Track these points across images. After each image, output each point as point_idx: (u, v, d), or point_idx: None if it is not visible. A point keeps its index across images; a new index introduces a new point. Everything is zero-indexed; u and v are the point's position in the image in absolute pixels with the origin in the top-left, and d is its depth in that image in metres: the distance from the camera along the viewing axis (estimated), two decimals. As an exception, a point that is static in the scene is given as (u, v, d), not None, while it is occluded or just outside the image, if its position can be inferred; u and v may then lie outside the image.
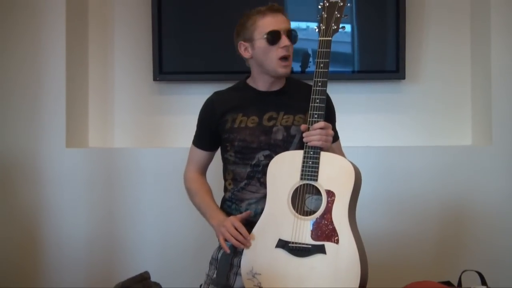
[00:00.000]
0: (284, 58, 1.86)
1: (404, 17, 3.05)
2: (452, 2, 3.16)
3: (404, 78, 3.09)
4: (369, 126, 3.21)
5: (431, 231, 2.98)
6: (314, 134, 1.77)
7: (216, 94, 2.00)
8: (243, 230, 1.83)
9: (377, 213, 2.94)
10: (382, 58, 3.12)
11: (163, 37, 3.07)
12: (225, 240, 1.87)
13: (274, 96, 1.94)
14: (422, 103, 3.19)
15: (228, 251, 1.86)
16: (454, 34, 3.18)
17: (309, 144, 1.77)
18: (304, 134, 1.80)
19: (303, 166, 1.78)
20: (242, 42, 1.92)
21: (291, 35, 1.88)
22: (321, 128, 1.77)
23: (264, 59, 1.89)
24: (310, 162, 1.77)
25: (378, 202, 2.96)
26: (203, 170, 2.07)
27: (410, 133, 3.19)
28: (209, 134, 1.96)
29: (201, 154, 2.00)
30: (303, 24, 3.05)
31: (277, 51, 1.86)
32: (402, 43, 3.05)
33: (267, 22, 1.86)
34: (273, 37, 1.85)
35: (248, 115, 1.92)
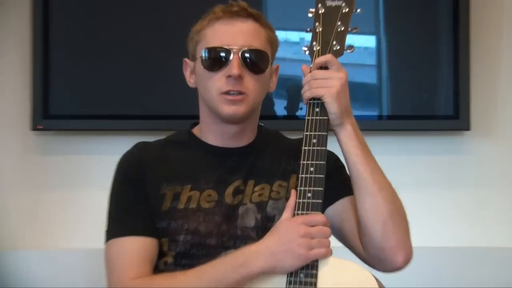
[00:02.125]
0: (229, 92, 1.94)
1: (467, 27, 3.14)
2: None
3: (468, 128, 3.17)
4: (408, 213, 3.09)
5: None
6: (306, 81, 1.85)
7: (143, 147, 2.05)
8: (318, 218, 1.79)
9: None
10: (431, 95, 3.23)
11: (52, 58, 3.16)
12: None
13: (241, 156, 2.02)
14: (500, 171, 3.27)
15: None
16: None
17: (306, 95, 1.84)
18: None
19: (289, 283, 1.75)
20: (187, 60, 2.05)
21: (250, 59, 1.92)
22: (324, 67, 1.83)
23: (203, 91, 2.00)
24: (302, 275, 1.75)
25: None
26: (150, 271, 1.96)
27: (481, 225, 3.23)
28: (145, 207, 1.95)
29: (143, 246, 1.94)
30: (294, 35, 3.14)
31: (218, 82, 1.93)
32: (464, 69, 3.15)
33: (214, 33, 1.96)
34: (212, 59, 1.93)
35: (202, 188, 1.96)
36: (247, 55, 1.91)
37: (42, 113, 3.11)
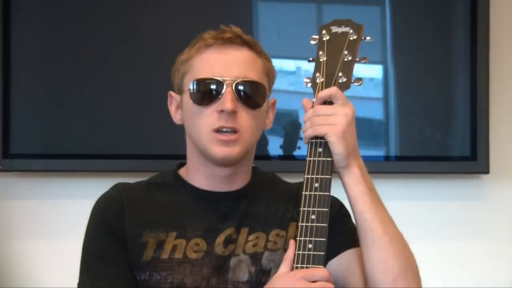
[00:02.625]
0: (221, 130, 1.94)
1: (486, 55, 3.15)
2: None
3: (487, 171, 3.18)
4: (422, 262, 3.07)
5: None
6: (308, 117, 1.82)
7: (124, 189, 2.04)
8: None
9: None
10: (445, 133, 3.24)
11: (13, 90, 3.16)
12: None
13: (231, 201, 2.01)
14: None
15: None
16: None
17: (304, 141, 1.83)
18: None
19: None
20: (172, 93, 2.05)
21: (244, 91, 1.92)
22: (328, 102, 1.81)
23: (190, 129, 2.00)
24: None
25: None
26: None
27: (504, 275, 3.24)
28: (124, 257, 1.94)
29: None
30: (290, 64, 3.20)
31: (209, 118, 1.93)
32: (482, 105, 3.15)
33: (204, 62, 1.96)
34: (202, 92, 1.93)
35: (188, 236, 1.95)
36: (241, 87, 1.91)
37: (2, 152, 3.10)
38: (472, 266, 3.23)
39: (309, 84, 1.89)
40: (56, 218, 3.18)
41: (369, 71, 3.13)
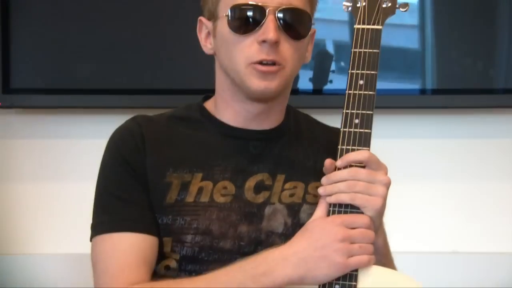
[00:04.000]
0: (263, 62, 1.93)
1: None
2: None
3: None
4: (461, 210, 3.23)
5: None
6: (342, 178, 1.79)
7: (144, 121, 2.04)
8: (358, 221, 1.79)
9: None
10: (487, 64, 3.20)
11: (12, 19, 3.12)
12: None
13: (265, 142, 2.02)
14: None
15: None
16: None
17: (328, 199, 1.80)
18: (322, 180, 1.83)
19: None
20: (203, 19, 2.03)
21: (289, 20, 1.89)
22: (360, 165, 1.79)
23: (226, 60, 1.97)
24: (338, 286, 1.76)
25: None
26: (148, 276, 1.93)
27: None
28: (144, 196, 1.94)
29: (136, 243, 1.92)
30: None
31: (249, 48, 1.91)
32: None
33: None
34: (241, 19, 1.90)
35: (216, 178, 1.95)
36: (285, 15, 1.88)
37: (1, 86, 3.10)
38: (508, 217, 3.24)
39: (349, 8, 1.86)
40: (61, 159, 3.19)
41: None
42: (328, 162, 1.81)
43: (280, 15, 1.86)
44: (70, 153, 3.16)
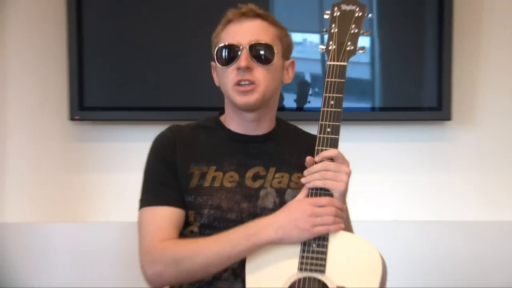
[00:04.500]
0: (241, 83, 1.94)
1: (450, 28, 3.15)
2: None
3: (449, 118, 3.20)
4: (396, 192, 3.29)
5: None
6: (317, 169, 1.82)
7: (176, 129, 2.05)
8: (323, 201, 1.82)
9: None
10: (417, 89, 3.24)
11: (85, 55, 3.18)
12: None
13: (260, 143, 2.02)
14: (477, 157, 3.30)
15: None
16: None
17: (308, 184, 1.82)
18: (304, 172, 1.85)
19: (303, 250, 1.79)
20: (213, 62, 2.03)
21: (258, 52, 1.93)
22: (330, 159, 1.81)
23: (222, 85, 2.00)
24: (314, 245, 1.78)
25: None
26: (176, 236, 1.97)
27: (459, 202, 3.29)
28: (175, 182, 1.96)
29: (171, 213, 1.95)
30: (297, 37, 3.15)
31: (231, 74, 1.94)
32: (446, 67, 3.16)
33: (227, 33, 1.97)
34: (224, 55, 1.94)
35: (225, 169, 1.97)
36: (254, 48, 1.91)
37: (78, 105, 3.14)
38: (436, 190, 3.27)
39: (324, 50, 1.89)
40: (118, 155, 3.23)
41: (360, 42, 3.10)
42: (308, 158, 1.85)
43: (251, 48, 1.90)
44: (124, 152, 3.19)
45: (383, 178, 3.26)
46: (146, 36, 3.19)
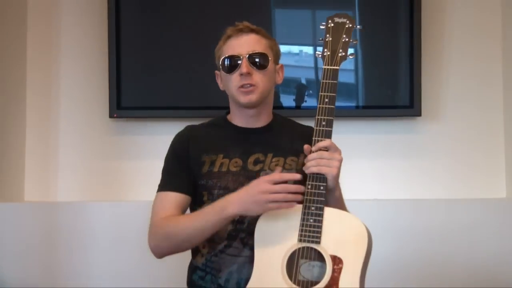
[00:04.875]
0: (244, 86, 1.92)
1: (419, 40, 3.12)
2: (481, 23, 3.26)
3: (420, 114, 3.16)
4: (376, 175, 3.24)
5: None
6: (314, 157, 1.78)
7: (191, 128, 2.04)
8: (286, 176, 1.78)
9: (388, 283, 2.94)
10: (393, 90, 3.20)
11: (122, 63, 3.14)
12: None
13: (259, 134, 1.99)
14: (443, 146, 3.26)
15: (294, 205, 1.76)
16: (483, 61, 3.26)
17: (306, 171, 1.78)
18: (305, 160, 1.80)
19: (302, 225, 1.76)
20: (217, 71, 2.01)
21: (255, 59, 1.91)
22: (325, 149, 1.78)
23: (227, 89, 1.97)
24: (311, 220, 1.76)
25: (389, 269, 2.97)
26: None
27: (429, 183, 3.24)
28: (186, 173, 1.95)
29: (175, 197, 1.95)
30: (295, 48, 3.14)
31: (235, 80, 1.92)
32: (417, 71, 3.12)
33: (228, 47, 1.94)
34: (228, 64, 1.93)
35: (230, 157, 1.95)
36: (252, 57, 1.91)
37: (116, 105, 3.14)
38: (408, 173, 3.24)
39: (319, 56, 1.86)
40: (149, 147, 3.20)
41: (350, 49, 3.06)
42: (306, 146, 1.82)
43: (249, 57, 1.91)
44: (153, 143, 3.15)
45: (366, 164, 3.22)
46: (173, 47, 3.17)
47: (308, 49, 3.16)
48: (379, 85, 3.19)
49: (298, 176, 1.78)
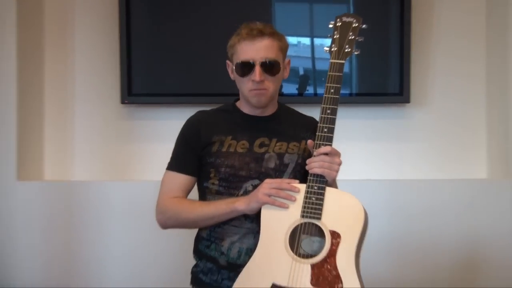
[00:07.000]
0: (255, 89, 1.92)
1: (409, 33, 3.15)
2: (466, 16, 3.28)
3: (408, 101, 3.20)
4: (369, 157, 3.29)
5: (443, 275, 3.04)
6: (317, 160, 1.81)
7: (202, 113, 2.05)
8: (284, 181, 1.85)
9: (381, 257, 3.00)
10: (384, 79, 3.22)
11: (133, 53, 3.16)
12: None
13: (266, 121, 2.01)
14: (430, 130, 3.30)
15: (289, 202, 1.84)
16: (467, 51, 3.29)
17: (310, 170, 1.81)
18: (307, 160, 1.84)
19: (305, 202, 1.80)
20: (228, 61, 2.00)
21: (268, 67, 1.91)
22: (325, 154, 1.81)
23: (239, 88, 1.98)
24: (314, 198, 1.79)
25: (382, 244, 3.02)
26: (181, 196, 2.03)
27: (417, 165, 3.29)
28: (193, 156, 1.99)
29: (182, 179, 2.00)
30: (293, 39, 3.15)
31: (248, 84, 1.92)
32: (406, 62, 3.15)
33: (242, 50, 1.92)
34: (243, 69, 1.92)
35: (238, 139, 1.97)
36: (265, 64, 1.91)
37: (128, 92, 3.15)
38: (397, 155, 3.28)
39: (327, 50, 1.90)
40: (159, 131, 3.23)
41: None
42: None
43: (262, 64, 1.91)
44: (162, 128, 3.19)
45: (360, 147, 3.25)
46: (181, 36, 3.17)
47: (306, 40, 3.17)
48: (371, 74, 3.21)
49: (296, 190, 1.83)
